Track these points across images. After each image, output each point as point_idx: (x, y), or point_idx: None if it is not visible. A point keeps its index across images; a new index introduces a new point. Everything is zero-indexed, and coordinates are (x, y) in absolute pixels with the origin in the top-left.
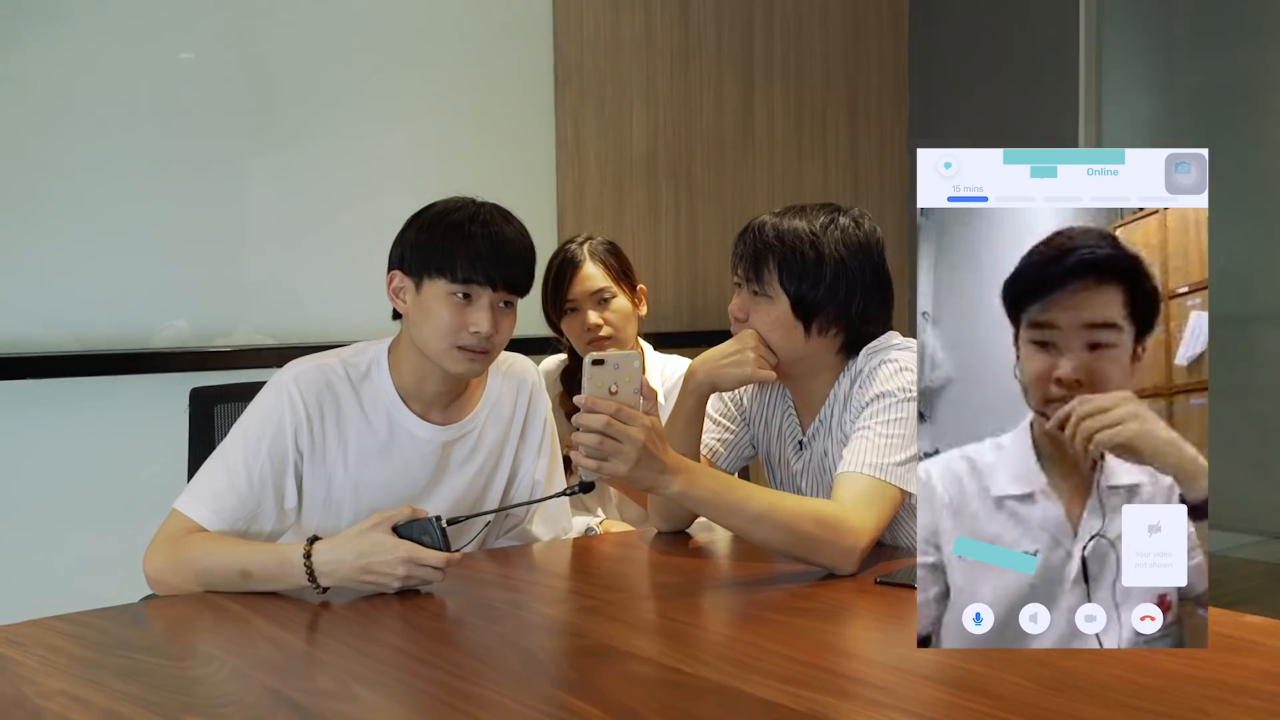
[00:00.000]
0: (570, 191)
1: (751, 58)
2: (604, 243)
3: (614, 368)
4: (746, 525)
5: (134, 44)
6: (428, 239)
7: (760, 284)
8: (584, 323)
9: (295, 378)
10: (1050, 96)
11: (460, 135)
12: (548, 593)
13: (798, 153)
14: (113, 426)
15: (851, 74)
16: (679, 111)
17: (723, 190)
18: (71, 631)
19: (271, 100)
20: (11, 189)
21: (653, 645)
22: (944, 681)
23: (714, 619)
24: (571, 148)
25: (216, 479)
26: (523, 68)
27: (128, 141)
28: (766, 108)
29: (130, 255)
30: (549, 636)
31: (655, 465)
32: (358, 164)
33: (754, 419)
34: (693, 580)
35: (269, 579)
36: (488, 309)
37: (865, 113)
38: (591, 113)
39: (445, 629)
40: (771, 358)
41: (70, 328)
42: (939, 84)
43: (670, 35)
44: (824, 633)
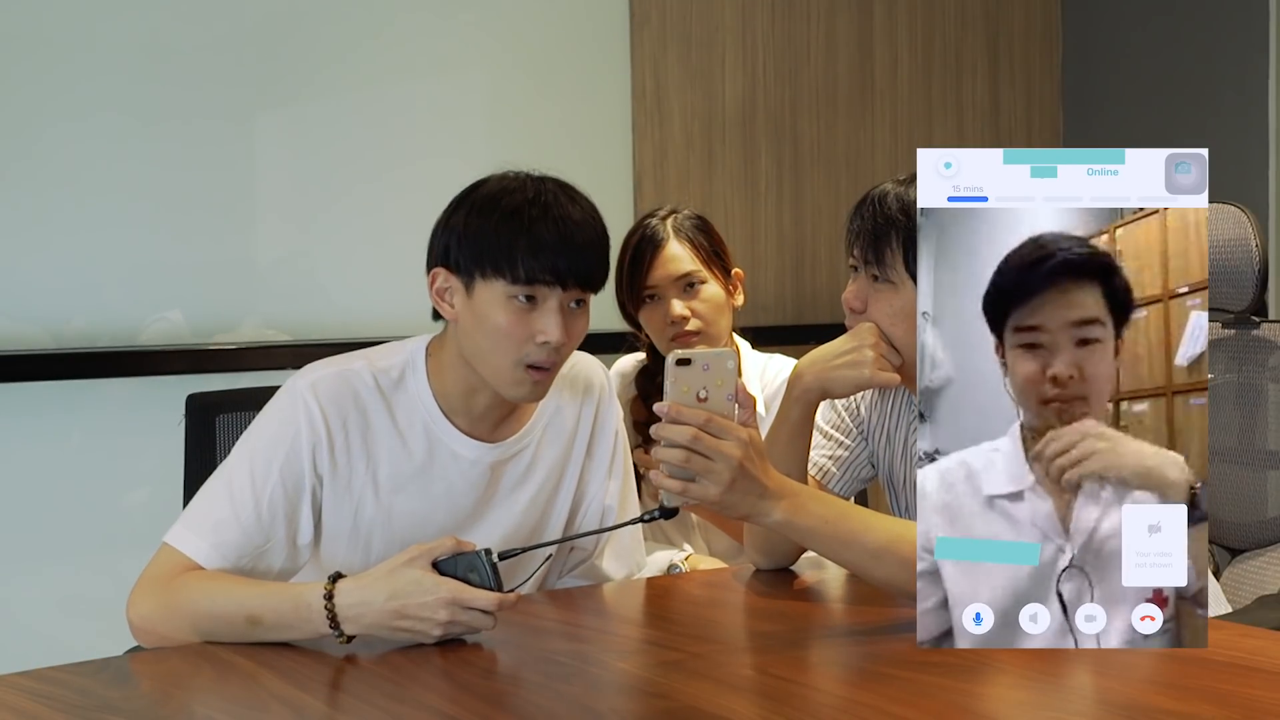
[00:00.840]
0: (649, 156)
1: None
2: (691, 217)
3: (703, 369)
4: (865, 561)
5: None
6: (479, 230)
7: (881, 267)
8: (667, 314)
9: (313, 385)
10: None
11: (515, 87)
12: (622, 643)
13: (927, 108)
14: (93, 439)
15: (993, 11)
16: (781, 57)
17: (835, 154)
18: (41, 691)
19: (287, 42)
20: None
21: (750, 708)
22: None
23: (824, 676)
24: (651, 102)
25: (218, 507)
26: (591, 4)
27: (109, 90)
28: (889, 52)
29: (112, 232)
30: (623, 698)
31: (754, 488)
32: (389, 122)
33: (873, 432)
34: (798, 629)
35: (282, 625)
36: (556, 312)
37: (1009, 60)
38: (675, 59)
39: (497, 688)
40: (895, 358)
41: (40, 321)
42: (1099, 27)
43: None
44: (957, 692)
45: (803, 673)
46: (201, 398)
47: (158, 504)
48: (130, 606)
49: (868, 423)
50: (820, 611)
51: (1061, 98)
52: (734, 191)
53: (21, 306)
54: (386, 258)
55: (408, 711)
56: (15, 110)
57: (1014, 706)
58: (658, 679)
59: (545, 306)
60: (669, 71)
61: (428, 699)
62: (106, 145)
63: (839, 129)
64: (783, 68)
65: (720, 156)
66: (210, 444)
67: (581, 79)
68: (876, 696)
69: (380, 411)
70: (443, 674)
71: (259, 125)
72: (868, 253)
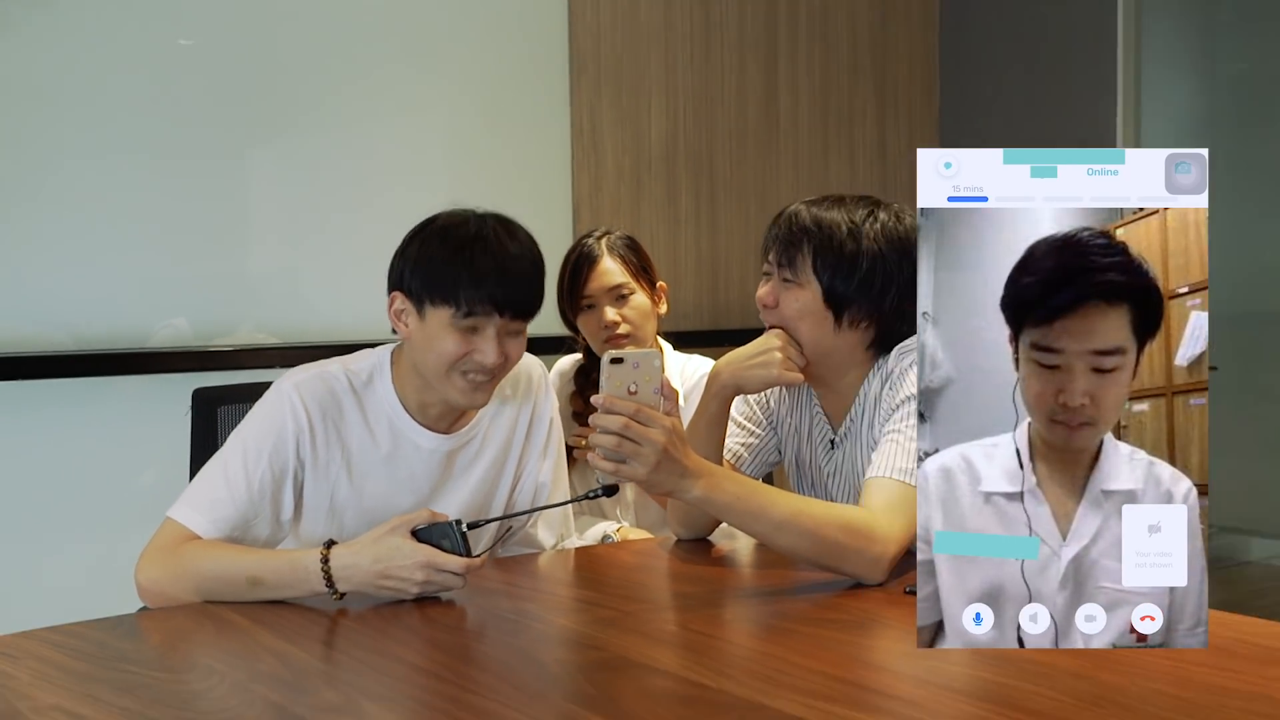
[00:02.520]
0: (586, 186)
1: (775, 45)
2: (623, 237)
3: (633, 367)
4: (770, 532)
5: (130, 29)
6: (429, 262)
7: (793, 270)
8: (601, 320)
9: (297, 385)
10: (1087, 89)
11: (471, 127)
12: (563, 604)
13: (824, 146)
14: (110, 429)
15: (880, 64)
16: (699, 101)
17: (745, 185)
18: (65, 644)
19: (275, 89)
20: (2, 184)
21: (673, 658)
22: (977, 695)
23: (736, 631)
24: (587, 140)
25: (215, 487)
26: (536, 56)
27: (124, 132)
28: (791, 98)
29: (127, 251)
30: (565, 649)
31: (676, 469)
32: (364, 156)
33: (781, 422)
34: (714, 590)
35: (281, 585)
36: (494, 339)
37: (894, 105)
38: (608, 103)
39: (458, 642)
40: (800, 359)
41: (65, 326)
42: (971, 75)
43: (690, 21)
44: (852, 645)
45: (718, 628)
46: (205, 392)
47: (166, 484)
48: (139, 571)
49: (776, 414)
50: (733, 575)
51: (939, 139)
52: (659, 217)
53: (48, 314)
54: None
55: (382, 662)
56: (47, 152)
57: (899, 657)
58: (594, 633)
59: (485, 333)
60: (603, 114)
61: (399, 651)
62: (122, 178)
63: (748, 164)
64: (701, 112)
65: (647, 187)
66: (212, 432)
67: (528, 120)
68: (782, 649)
69: (353, 408)
70: (412, 630)
71: (252, 161)
72: (781, 257)
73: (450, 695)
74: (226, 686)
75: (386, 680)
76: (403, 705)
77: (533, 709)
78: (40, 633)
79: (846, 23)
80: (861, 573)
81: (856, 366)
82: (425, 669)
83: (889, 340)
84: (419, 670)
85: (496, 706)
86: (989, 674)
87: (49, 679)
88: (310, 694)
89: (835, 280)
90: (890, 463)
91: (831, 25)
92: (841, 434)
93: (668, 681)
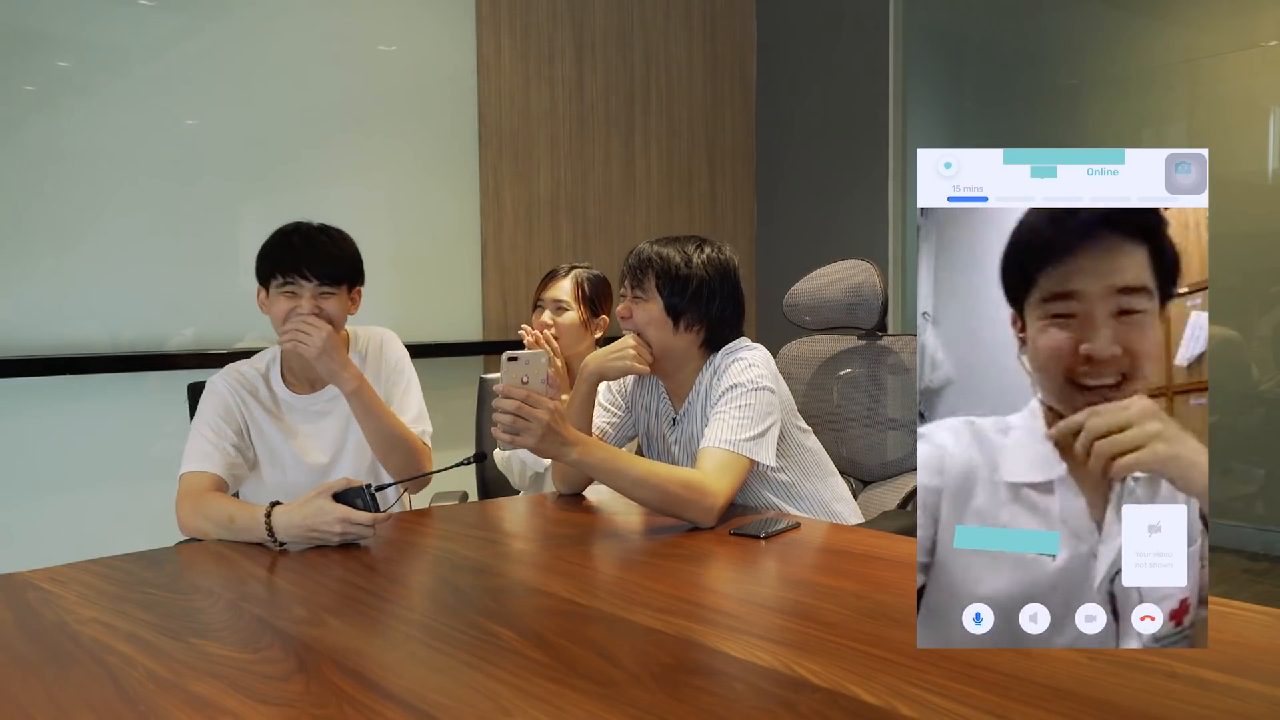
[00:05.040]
0: (491, 229)
1: (633, 124)
2: (592, 274)
3: (525, 363)
4: (629, 487)
5: (152, 112)
6: (263, 253)
7: (642, 289)
8: (538, 319)
9: (223, 375)
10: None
11: (405, 184)
12: (471, 542)
13: (669, 199)
14: (136, 412)
15: (711, 137)
16: (576, 165)
17: (610, 227)
18: (102, 572)
19: (259, 156)
20: (60, 228)
21: (556, 583)
22: (783, 611)
23: (603, 562)
24: (492, 194)
25: (202, 443)
26: (454, 132)
27: (148, 189)
28: (645, 162)
29: (151, 277)
30: (472, 576)
31: (557, 439)
32: (326, 206)
33: (635, 404)
34: (586, 532)
35: (245, 529)
36: (310, 299)
37: (721, 168)
38: (508, 167)
39: (394, 571)
40: (648, 355)
41: (105, 333)
42: (780, 146)
43: (569, 106)
44: (690, 574)
45: (589, 560)
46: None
47: (172, 452)
48: (178, 513)
49: (631, 398)
50: (601, 521)
51: (755, 192)
52: (546, 253)
53: (90, 323)
54: None
55: (336, 585)
56: (90, 203)
57: (726, 582)
58: (494, 564)
59: (302, 295)
60: (504, 175)
61: (349, 577)
62: (146, 222)
63: (613, 212)
64: (577, 171)
65: (537, 231)
66: None
67: (447, 180)
68: (639, 575)
69: (260, 386)
70: (340, 562)
71: (241, 211)
72: (633, 281)
73: (388, 610)
74: (223, 605)
75: (340, 599)
76: (353, 618)
77: (449, 619)
78: (83, 564)
79: (686, 106)
80: (697, 519)
81: (692, 361)
82: (368, 590)
83: (716, 341)
84: (363, 591)
85: (423, 617)
86: (794, 594)
87: (88, 599)
88: (284, 610)
89: (673, 296)
90: (717, 435)
91: (676, 108)
92: (682, 413)
93: (552, 600)
